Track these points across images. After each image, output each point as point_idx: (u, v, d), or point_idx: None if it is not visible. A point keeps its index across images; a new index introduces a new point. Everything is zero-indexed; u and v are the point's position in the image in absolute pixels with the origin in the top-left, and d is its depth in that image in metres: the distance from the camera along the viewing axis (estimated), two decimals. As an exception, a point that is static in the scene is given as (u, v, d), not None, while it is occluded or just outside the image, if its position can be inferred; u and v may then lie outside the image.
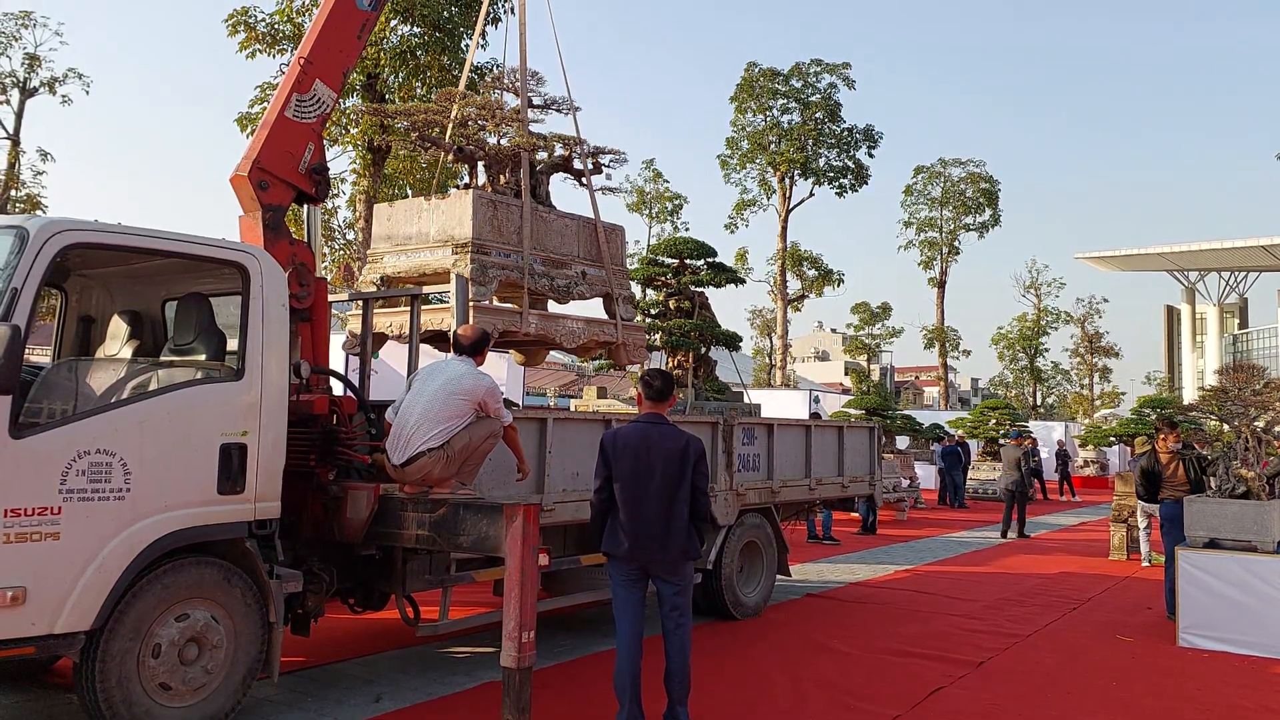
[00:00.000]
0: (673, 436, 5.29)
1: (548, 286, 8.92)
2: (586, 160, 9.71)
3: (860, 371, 62.88)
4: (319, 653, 6.98)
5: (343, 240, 25.47)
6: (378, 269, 8.98)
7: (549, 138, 9.45)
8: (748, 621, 8.68)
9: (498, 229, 8.50)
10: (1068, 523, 19.98)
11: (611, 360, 10.28)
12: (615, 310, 9.59)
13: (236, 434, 5.18)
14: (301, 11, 17.42)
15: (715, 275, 16.19)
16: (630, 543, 5.17)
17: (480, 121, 9.10)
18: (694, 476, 5.25)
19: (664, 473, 5.17)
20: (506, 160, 9.01)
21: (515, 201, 8.78)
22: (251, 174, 6.21)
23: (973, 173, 46.50)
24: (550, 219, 9.12)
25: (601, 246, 9.51)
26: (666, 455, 5.20)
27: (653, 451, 5.20)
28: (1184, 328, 78.78)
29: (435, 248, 8.50)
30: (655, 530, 5.16)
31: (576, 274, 9.22)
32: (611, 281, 9.52)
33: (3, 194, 22.46)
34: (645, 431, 5.28)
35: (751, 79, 38.02)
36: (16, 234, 4.62)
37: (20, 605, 4.33)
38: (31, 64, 23.17)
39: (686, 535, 5.24)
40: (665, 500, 5.17)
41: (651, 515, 5.16)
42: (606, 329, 9.52)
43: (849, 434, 10.47)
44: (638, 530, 5.16)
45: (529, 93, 9.58)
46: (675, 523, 5.19)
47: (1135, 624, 9.07)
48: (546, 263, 8.93)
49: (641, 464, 5.18)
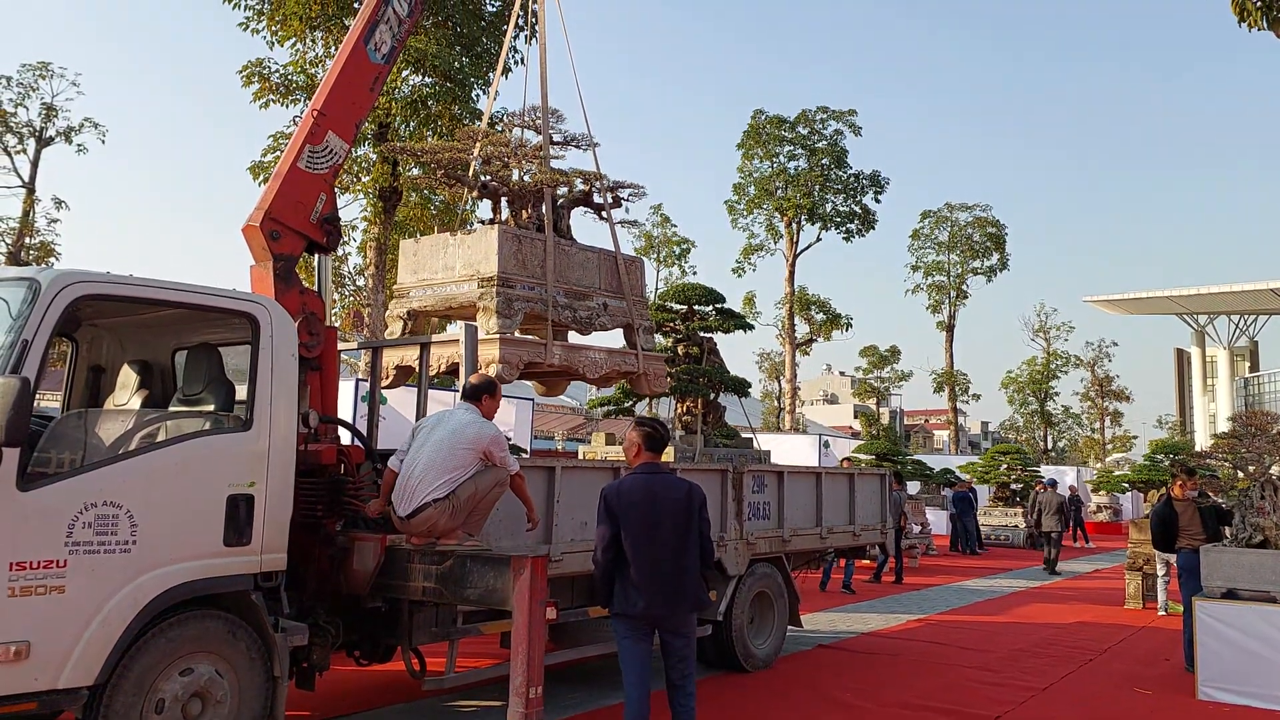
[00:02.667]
0: (675, 485, 5.21)
1: (570, 318, 9.06)
2: (606, 194, 9.88)
3: (869, 415, 62.66)
4: (323, 707, 6.88)
5: (353, 287, 25.64)
6: (404, 304, 9.11)
7: (569, 173, 9.61)
8: (759, 674, 8.54)
9: (522, 263, 8.66)
10: (1082, 570, 19.74)
11: (633, 389, 10.36)
12: (636, 340, 9.69)
13: (244, 485, 5.15)
14: (314, 63, 17.69)
15: (723, 321, 16.19)
16: (645, 599, 5.02)
17: (503, 159, 9.26)
18: (699, 524, 5.16)
19: (671, 523, 5.08)
20: (529, 196, 9.20)
21: (538, 236, 8.95)
22: (263, 224, 6.25)
23: (979, 217, 46.64)
24: (572, 252, 9.25)
25: (622, 278, 9.64)
26: (672, 505, 5.11)
27: (658, 502, 5.10)
28: (1194, 371, 78.40)
29: (461, 282, 8.65)
30: (669, 583, 5.05)
31: (598, 305, 9.36)
32: (632, 312, 9.64)
33: (17, 242, 22.69)
34: (648, 483, 5.16)
35: (758, 126, 38.38)
36: (29, 285, 4.64)
37: (24, 660, 4.28)
38: (48, 113, 23.55)
39: (697, 585, 5.16)
40: (676, 551, 5.08)
41: (664, 567, 5.05)
42: (628, 359, 9.61)
43: (860, 481, 10.39)
44: (652, 584, 5.03)
45: (550, 129, 9.71)
46: (687, 573, 5.11)
47: (1153, 676, 8.91)
48: (569, 295, 9.07)
49: (649, 517, 5.07)
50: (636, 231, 45.65)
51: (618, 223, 10.00)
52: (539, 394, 11.20)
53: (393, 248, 20.07)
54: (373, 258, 18.81)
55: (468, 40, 18.29)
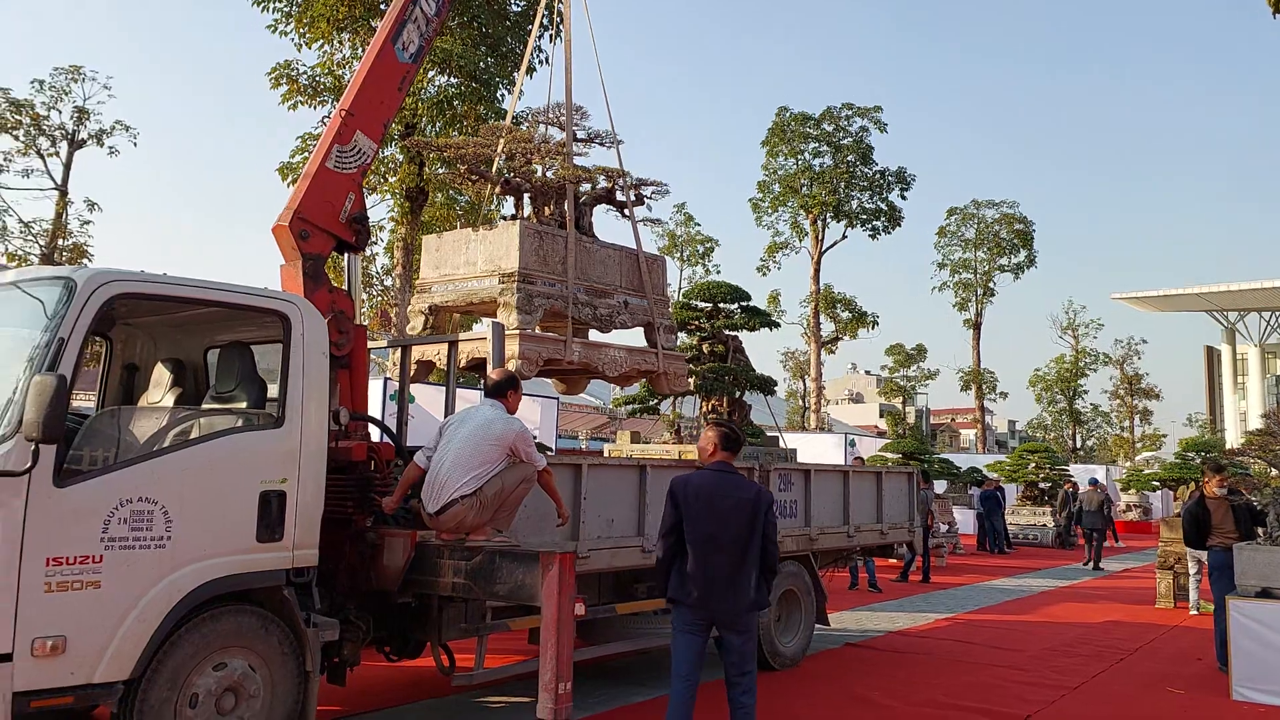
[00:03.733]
0: (744, 486, 5.27)
1: (591, 315, 9.03)
2: (629, 192, 9.83)
3: (895, 414, 62.26)
4: (354, 702, 6.94)
5: (380, 286, 25.78)
6: (426, 299, 9.13)
7: (592, 170, 9.58)
8: (786, 672, 8.52)
9: (543, 259, 8.66)
10: (1112, 569, 19.52)
11: (652, 388, 10.30)
12: (657, 339, 9.66)
13: (276, 481, 5.20)
14: (342, 64, 17.81)
15: (749, 319, 16.14)
16: (700, 592, 5.10)
17: (526, 155, 9.25)
18: (764, 526, 5.20)
19: (735, 522, 5.13)
20: (551, 192, 9.18)
21: (560, 232, 8.93)
22: (292, 224, 6.30)
23: (1006, 214, 46.17)
24: (593, 249, 9.23)
25: (643, 276, 9.61)
26: (739, 505, 5.16)
27: (726, 500, 5.16)
28: (1225, 369, 77.27)
29: (483, 277, 8.66)
30: (726, 580, 5.11)
31: (619, 303, 9.33)
32: (653, 310, 9.61)
33: (51, 243, 22.99)
34: (718, 481, 5.23)
35: (783, 123, 38.19)
36: (64, 285, 4.71)
37: (60, 654, 4.34)
38: (80, 117, 23.82)
39: (757, 585, 5.20)
40: (738, 550, 5.13)
41: (724, 565, 5.11)
42: (648, 357, 9.58)
43: (887, 480, 10.33)
44: (709, 579, 5.10)
45: (573, 126, 9.70)
46: (746, 572, 5.14)
47: (1186, 675, 8.80)
48: (590, 292, 9.04)
49: (714, 513, 5.13)
50: (660, 230, 45.66)
51: (640, 221, 9.98)
52: (558, 392, 11.19)
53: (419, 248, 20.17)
54: (400, 258, 18.92)
55: (493, 40, 18.36)
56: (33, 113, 23.11)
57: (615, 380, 9.74)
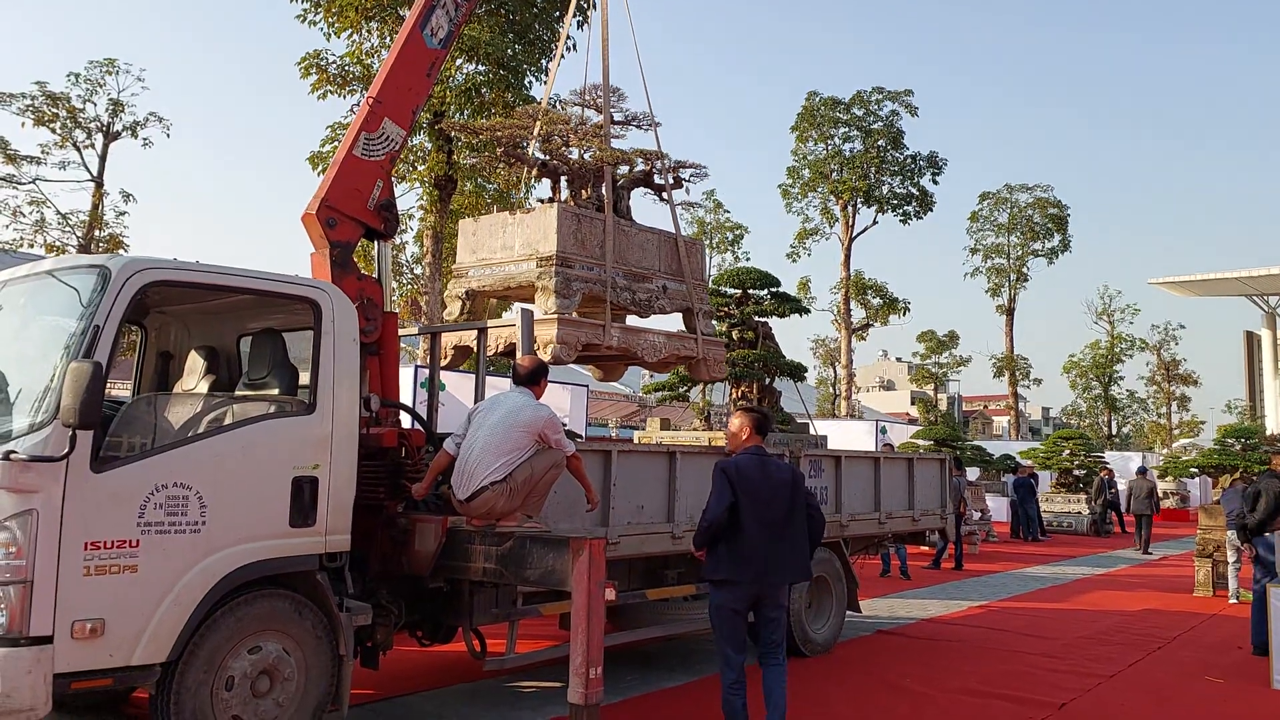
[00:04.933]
0: (782, 467, 5.71)
1: (630, 300, 8.88)
2: (667, 175, 9.67)
3: (927, 401, 61.81)
4: (387, 686, 7.00)
5: (410, 275, 25.90)
6: (463, 284, 9.01)
7: (630, 153, 9.41)
8: (817, 659, 8.49)
9: (581, 243, 8.51)
10: (1149, 556, 19.29)
11: (691, 375, 10.18)
12: (696, 325, 9.48)
13: (308, 467, 5.24)
14: (370, 53, 17.85)
15: (779, 305, 16.07)
16: (756, 569, 5.42)
17: (563, 136, 9.10)
18: (807, 500, 5.65)
19: (781, 500, 5.52)
20: (589, 175, 9.02)
21: (598, 215, 8.76)
22: (320, 212, 6.33)
23: (1040, 198, 45.62)
24: (632, 233, 9.07)
25: (682, 260, 9.43)
26: (781, 484, 5.55)
27: (771, 480, 5.54)
28: (1265, 354, 75.86)
29: (520, 261, 8.52)
30: (778, 556, 5.46)
31: (658, 288, 9.16)
32: (692, 295, 9.42)
33: (87, 234, 23.28)
34: (762, 463, 5.59)
35: (812, 108, 37.89)
36: (99, 273, 4.76)
37: (99, 637, 4.41)
38: (115, 109, 24.06)
39: (803, 556, 5.63)
40: (784, 525, 5.51)
41: (773, 540, 5.46)
42: (687, 343, 9.39)
43: (919, 466, 10.25)
44: (762, 555, 5.42)
45: (610, 108, 9.54)
46: (794, 546, 5.54)
47: (1225, 664, 8.67)
48: (628, 276, 8.90)
49: (763, 493, 5.49)
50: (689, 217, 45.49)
51: (678, 204, 9.79)
52: (595, 378, 11.09)
53: (449, 235, 20.19)
54: (429, 246, 18.98)
55: (520, 27, 18.32)
56: (69, 106, 23.36)
57: (653, 366, 9.59)
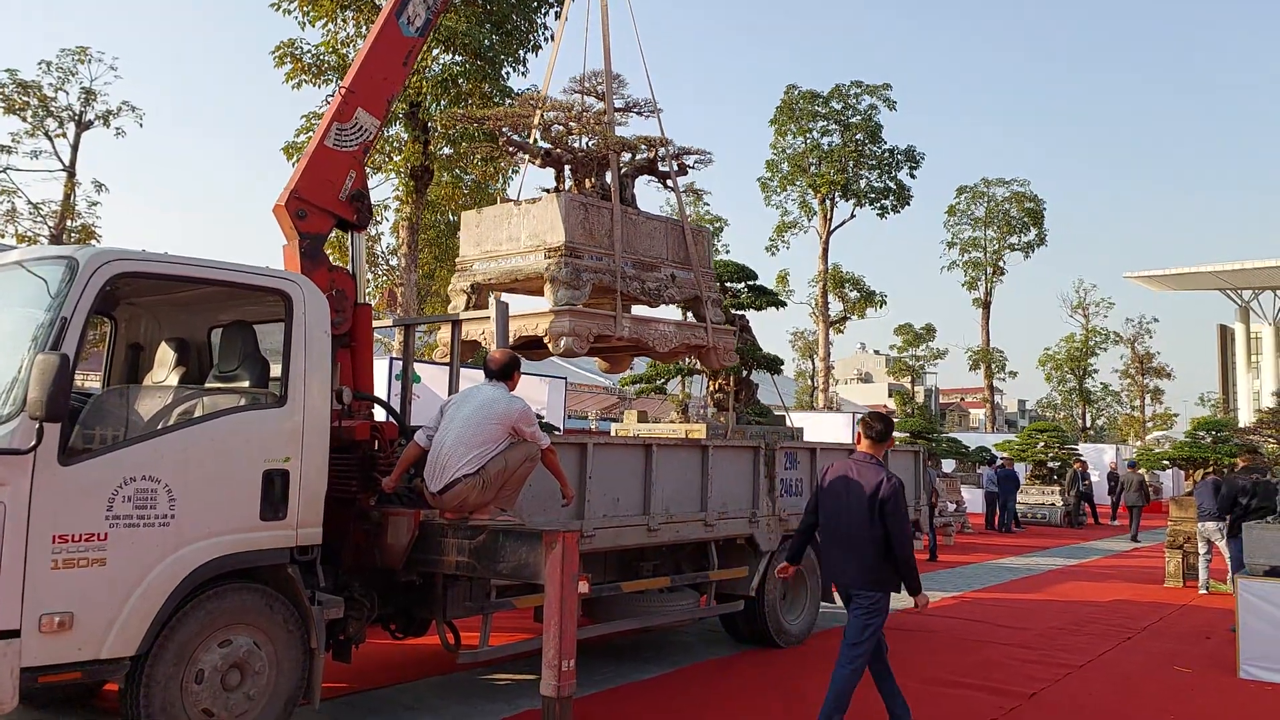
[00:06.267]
0: (870, 475, 5.72)
1: (639, 290, 8.73)
2: (671, 162, 9.52)
3: (904, 394, 62.16)
4: (360, 679, 6.98)
5: (385, 266, 25.75)
6: (467, 277, 8.84)
7: (634, 140, 9.25)
8: (791, 650, 8.54)
9: (589, 232, 8.34)
10: (1120, 548, 19.52)
11: (702, 364, 10.02)
12: (705, 313, 9.34)
13: (279, 460, 5.21)
14: (346, 43, 17.71)
15: (756, 298, 16.11)
16: (827, 564, 5.99)
17: (565, 124, 8.90)
18: (885, 517, 5.59)
19: (858, 506, 5.66)
20: (592, 163, 8.84)
21: (605, 204, 8.60)
22: (289, 204, 6.27)
23: (1017, 192, 45.88)
24: (639, 221, 8.91)
25: (689, 248, 9.27)
26: (861, 491, 5.67)
27: (850, 487, 5.74)
28: (1238, 347, 76.81)
29: (527, 253, 8.34)
30: (846, 555, 5.73)
31: (666, 277, 9.00)
32: (700, 284, 9.28)
33: (59, 225, 22.99)
34: (849, 469, 5.83)
35: (791, 101, 37.93)
36: (67, 264, 4.71)
37: (67, 631, 4.37)
38: (87, 98, 23.75)
39: (874, 564, 5.63)
40: (857, 530, 5.65)
41: (843, 542, 5.74)
42: (697, 333, 9.28)
43: (894, 458, 10.30)
44: (832, 553, 5.86)
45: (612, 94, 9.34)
46: (863, 550, 5.63)
47: (1194, 654, 8.80)
48: (637, 265, 8.73)
49: (840, 498, 5.77)
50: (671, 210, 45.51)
51: (683, 191, 9.63)
52: (602, 370, 10.91)
53: (424, 227, 20.06)
54: (405, 237, 18.87)
55: (497, 18, 18.23)
56: (40, 94, 23.04)
57: (663, 357, 9.40)
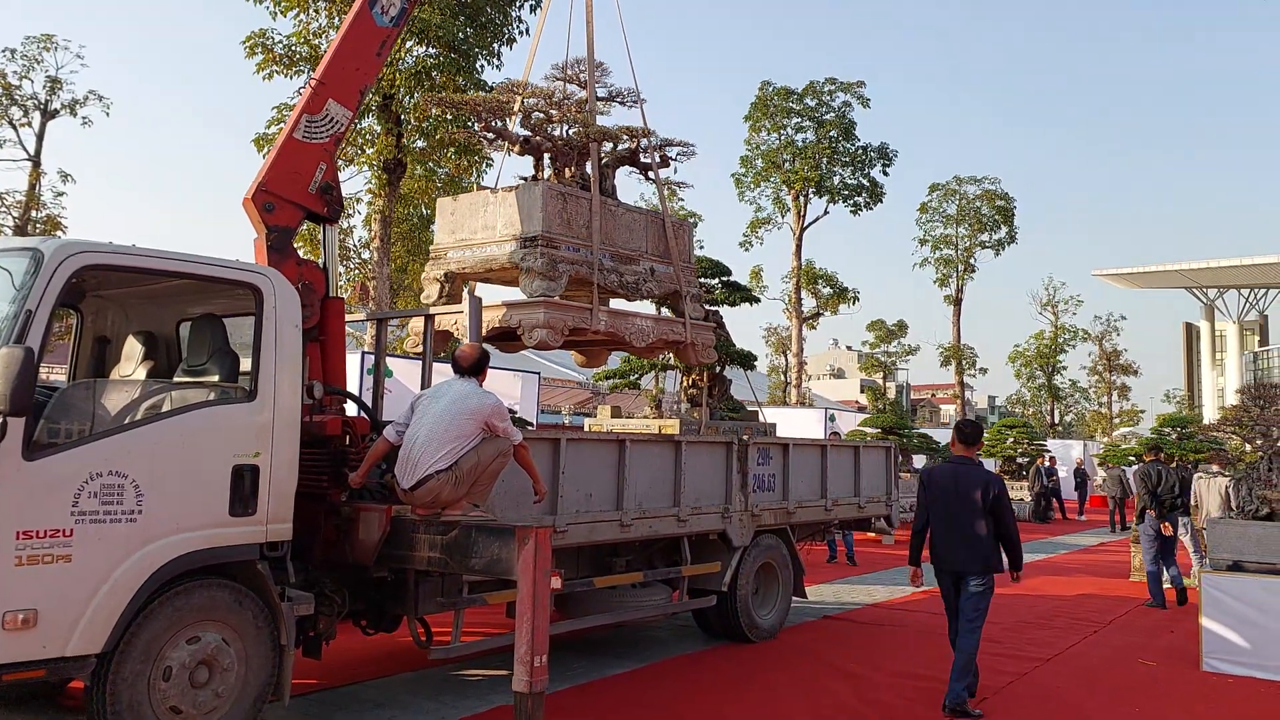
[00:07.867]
0: (975, 476, 6.71)
1: (617, 283, 8.57)
2: (653, 153, 9.38)
3: (876, 389, 62.56)
4: (330, 675, 6.94)
5: (358, 260, 25.57)
6: (441, 265, 8.66)
7: (616, 129, 9.09)
8: (764, 644, 8.58)
9: (567, 222, 8.18)
10: (1087, 543, 19.76)
11: (679, 359, 9.91)
12: (684, 309, 9.19)
13: (249, 455, 5.16)
14: (318, 34, 17.53)
15: (729, 294, 16.14)
16: (942, 555, 6.79)
17: (545, 112, 8.75)
18: (996, 509, 6.61)
19: (969, 503, 6.61)
20: (572, 153, 8.68)
21: (584, 194, 8.44)
22: (257, 197, 6.21)
23: (988, 190, 46.20)
24: (619, 213, 8.76)
25: (670, 242, 9.13)
26: (969, 490, 6.62)
27: (959, 487, 6.67)
28: (1204, 345, 78.02)
29: (503, 242, 8.17)
30: (960, 546, 6.67)
31: (645, 270, 8.87)
32: (680, 278, 9.14)
33: (24, 215, 22.66)
34: (955, 471, 6.81)
35: (766, 98, 37.99)
36: (31, 256, 4.64)
37: (31, 628, 4.32)
38: (53, 86, 23.40)
39: (986, 552, 6.63)
40: (968, 524, 6.61)
41: (956, 535, 6.67)
42: (676, 328, 9.15)
43: (865, 454, 10.37)
44: (947, 546, 6.74)
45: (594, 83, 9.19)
46: (975, 542, 6.61)
47: (1158, 647, 8.93)
48: (615, 258, 8.58)
49: (950, 497, 6.69)
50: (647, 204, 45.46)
51: (665, 183, 9.49)
52: (578, 364, 10.82)
53: (397, 220, 19.86)
54: (377, 230, 18.72)
55: (472, 10, 18.11)
56: (4, 82, 22.68)
57: (641, 352, 9.27)
